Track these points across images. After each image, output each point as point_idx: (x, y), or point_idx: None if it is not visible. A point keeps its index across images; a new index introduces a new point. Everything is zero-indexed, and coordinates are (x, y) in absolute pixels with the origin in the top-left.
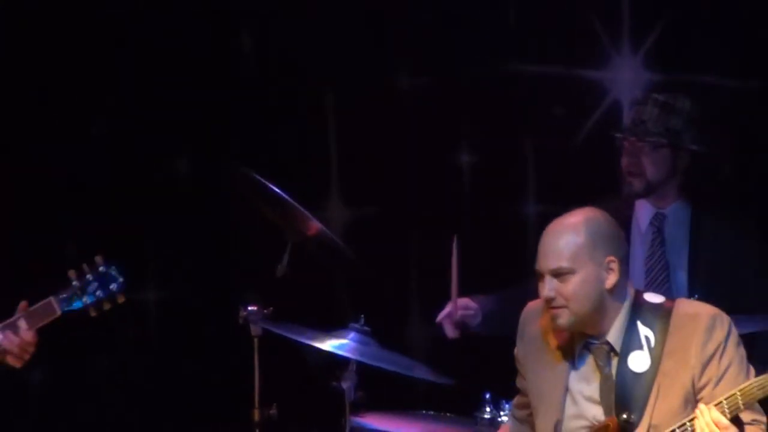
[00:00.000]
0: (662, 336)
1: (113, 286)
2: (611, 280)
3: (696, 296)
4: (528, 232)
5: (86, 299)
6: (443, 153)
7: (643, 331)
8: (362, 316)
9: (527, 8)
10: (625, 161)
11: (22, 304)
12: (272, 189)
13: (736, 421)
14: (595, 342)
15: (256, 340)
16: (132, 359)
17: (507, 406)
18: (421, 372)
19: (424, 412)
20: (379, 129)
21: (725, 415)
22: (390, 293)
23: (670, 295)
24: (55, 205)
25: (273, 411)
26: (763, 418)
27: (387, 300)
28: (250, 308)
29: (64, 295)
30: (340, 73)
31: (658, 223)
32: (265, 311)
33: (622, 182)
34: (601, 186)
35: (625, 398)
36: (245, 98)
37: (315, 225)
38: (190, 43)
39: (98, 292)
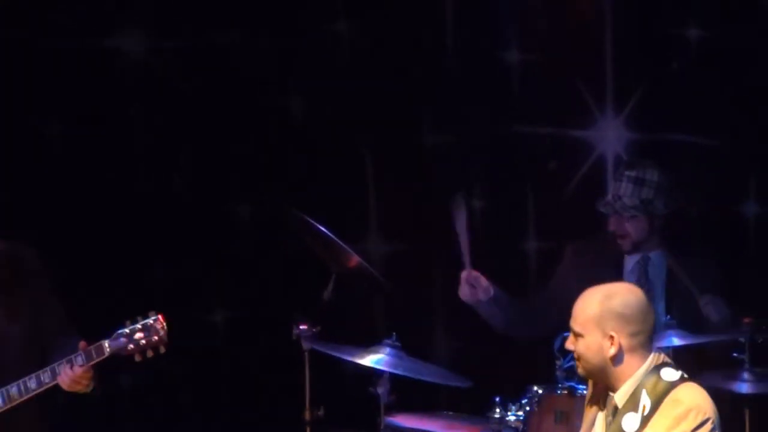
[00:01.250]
0: (654, 408)
1: (155, 338)
2: (611, 352)
3: (668, 317)
4: (528, 264)
5: (131, 346)
6: (459, 197)
7: (644, 399)
8: (394, 333)
9: (527, 79)
10: (612, 226)
11: (82, 343)
12: (319, 228)
13: None
14: (611, 395)
15: (306, 353)
16: (202, 369)
17: (513, 407)
18: (442, 378)
19: (444, 412)
20: (408, 178)
21: None
22: (417, 314)
23: None
24: (142, 244)
25: (320, 412)
26: None
27: (414, 320)
28: (301, 327)
29: (115, 339)
30: (376, 131)
31: (643, 263)
32: (314, 330)
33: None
34: (590, 226)
35: None
36: (297, 151)
37: (355, 258)
38: (251, 105)
39: (143, 342)
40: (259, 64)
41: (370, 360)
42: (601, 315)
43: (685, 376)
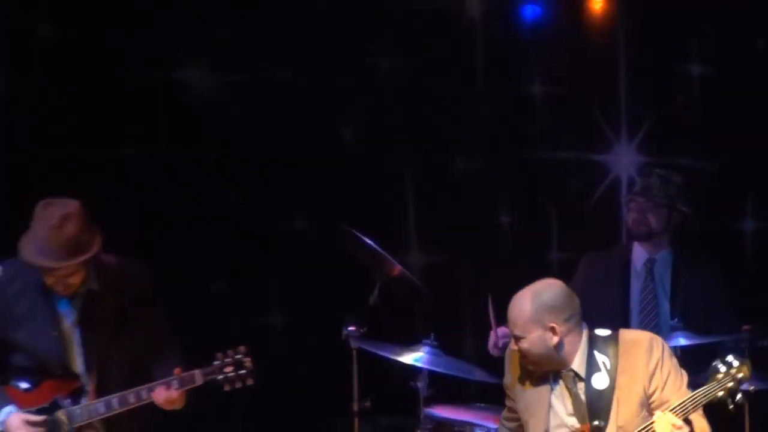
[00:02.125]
0: (615, 359)
1: (243, 372)
2: (554, 341)
3: (676, 320)
4: (552, 273)
5: (221, 377)
6: (490, 214)
7: (600, 357)
8: (432, 334)
9: (550, 109)
10: (633, 216)
11: (177, 369)
12: (366, 241)
13: (686, 421)
14: (562, 371)
15: (354, 351)
16: (263, 367)
17: None
18: (475, 374)
19: (476, 404)
20: (444, 198)
21: (678, 417)
22: (452, 318)
23: (658, 319)
24: (212, 255)
25: (367, 403)
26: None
27: (450, 322)
28: (350, 328)
29: (207, 371)
30: (416, 156)
31: (650, 265)
32: (361, 330)
33: (627, 232)
34: (606, 237)
35: (593, 409)
36: (347, 173)
37: (398, 267)
38: (307, 132)
39: (231, 375)
40: (315, 97)
41: (411, 358)
42: (536, 313)
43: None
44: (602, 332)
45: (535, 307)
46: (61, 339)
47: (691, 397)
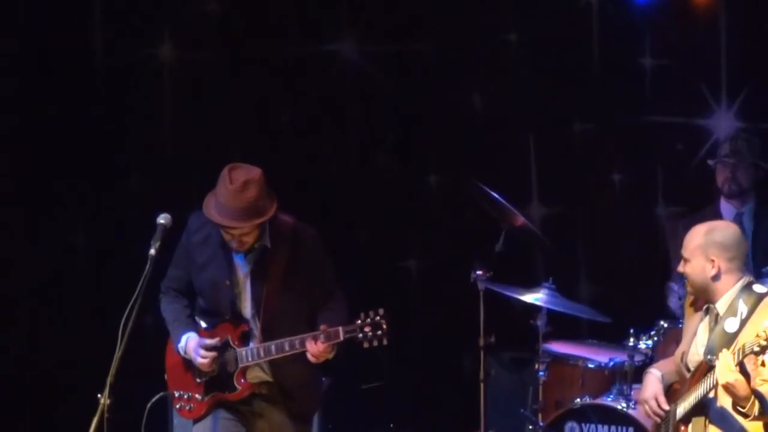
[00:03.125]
0: (750, 312)
1: (379, 332)
2: (711, 273)
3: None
4: (658, 225)
5: (360, 336)
6: (603, 173)
7: (741, 306)
8: (551, 277)
9: (658, 78)
10: (725, 176)
11: (323, 326)
12: (492, 194)
13: (744, 371)
14: (710, 306)
15: (481, 293)
16: (400, 305)
17: (644, 337)
18: (588, 314)
19: (589, 340)
20: (561, 158)
21: (734, 358)
22: (568, 263)
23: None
24: (352, 209)
25: (492, 339)
26: None
27: (566, 267)
28: (478, 272)
29: (348, 329)
30: (538, 119)
31: (739, 219)
32: (488, 274)
33: (719, 190)
34: (706, 193)
35: (714, 347)
36: (477, 134)
37: (521, 218)
38: (441, 98)
39: (369, 334)
40: (448, 67)
41: (532, 298)
42: (705, 243)
43: None
44: (759, 287)
45: (706, 238)
46: (233, 287)
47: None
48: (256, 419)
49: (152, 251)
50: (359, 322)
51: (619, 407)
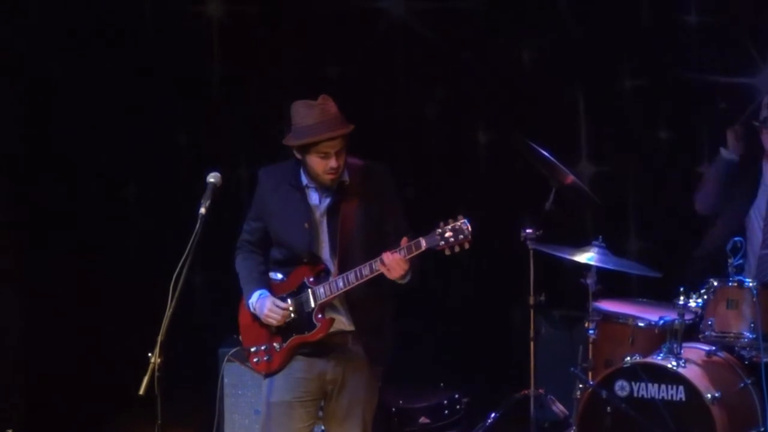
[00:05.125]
0: None
1: (461, 237)
2: None
3: None
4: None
5: (442, 243)
6: (649, 130)
7: None
8: (600, 236)
9: (704, 35)
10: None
11: (403, 240)
12: (543, 152)
13: None
14: None
15: (531, 251)
16: (449, 265)
17: (694, 295)
18: (639, 269)
19: (639, 299)
20: (610, 116)
21: None
22: (617, 221)
23: None
24: (404, 162)
25: (542, 297)
26: None
27: (616, 225)
28: (527, 231)
29: (430, 237)
30: (588, 76)
31: None
32: (538, 233)
33: (764, 151)
34: (752, 152)
35: None
36: (527, 91)
37: (571, 176)
38: (490, 55)
39: (451, 240)
40: (498, 25)
41: (583, 256)
42: None
43: None
44: None
45: None
46: (311, 229)
47: None
48: (330, 368)
49: (202, 210)
50: (439, 230)
51: (670, 365)
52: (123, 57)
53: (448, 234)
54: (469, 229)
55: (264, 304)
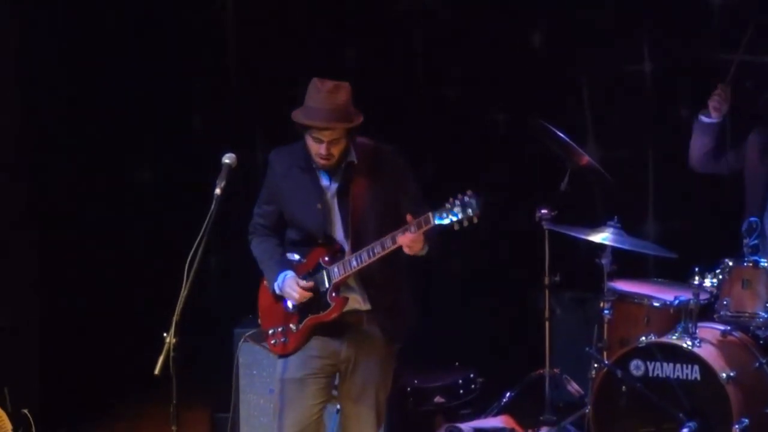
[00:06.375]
0: None
1: (470, 212)
2: None
3: None
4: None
5: (451, 218)
6: (668, 111)
7: None
8: (615, 216)
9: (728, 15)
10: None
11: (409, 217)
12: (558, 134)
13: None
14: None
15: (546, 231)
16: (466, 242)
17: (709, 275)
18: (654, 249)
19: (654, 279)
20: (618, 100)
21: None
22: (633, 201)
23: None
24: (420, 141)
25: (557, 277)
26: None
27: (631, 206)
28: (543, 211)
29: (438, 212)
30: (593, 61)
31: None
32: (553, 213)
33: None
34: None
35: None
36: (539, 72)
37: (586, 158)
38: (503, 37)
39: (460, 215)
40: (509, 8)
41: (598, 237)
42: None
43: None
44: None
45: None
46: (323, 210)
47: None
48: (344, 347)
49: (217, 191)
50: (448, 205)
51: (685, 345)
52: (137, 41)
53: (456, 209)
54: (477, 204)
55: (287, 283)
